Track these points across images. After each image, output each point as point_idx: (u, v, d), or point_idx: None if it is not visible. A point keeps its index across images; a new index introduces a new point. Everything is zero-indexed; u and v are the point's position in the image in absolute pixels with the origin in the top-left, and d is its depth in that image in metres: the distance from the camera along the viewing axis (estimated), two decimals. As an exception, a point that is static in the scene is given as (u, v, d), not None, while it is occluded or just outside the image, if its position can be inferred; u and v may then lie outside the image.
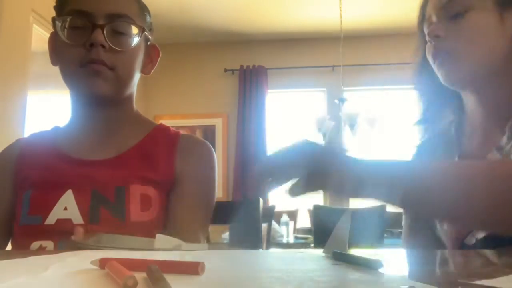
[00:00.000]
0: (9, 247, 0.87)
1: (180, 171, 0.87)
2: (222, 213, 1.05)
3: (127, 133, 0.90)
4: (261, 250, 1.15)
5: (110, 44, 0.81)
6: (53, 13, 0.87)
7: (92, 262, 0.42)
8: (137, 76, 0.90)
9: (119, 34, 0.83)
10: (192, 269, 0.37)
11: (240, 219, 1.15)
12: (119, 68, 0.82)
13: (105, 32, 0.80)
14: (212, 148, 0.94)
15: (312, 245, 3.23)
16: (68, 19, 0.83)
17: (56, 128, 0.95)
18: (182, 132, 0.94)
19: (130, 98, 0.91)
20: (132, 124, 0.91)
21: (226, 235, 3.35)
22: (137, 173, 0.83)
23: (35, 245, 0.79)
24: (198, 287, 0.34)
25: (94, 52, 0.80)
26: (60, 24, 0.83)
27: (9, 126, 2.81)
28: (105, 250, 0.56)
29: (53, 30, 0.87)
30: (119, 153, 0.86)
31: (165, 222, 0.83)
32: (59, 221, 0.79)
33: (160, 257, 0.43)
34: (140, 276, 0.34)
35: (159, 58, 0.95)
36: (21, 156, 0.89)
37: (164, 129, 0.93)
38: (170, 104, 5.01)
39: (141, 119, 0.95)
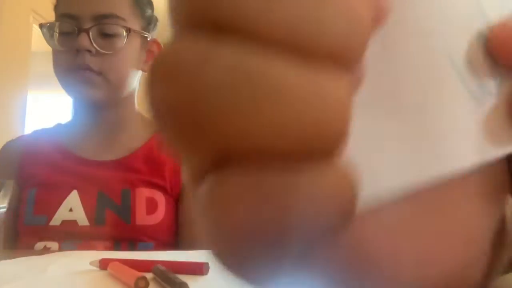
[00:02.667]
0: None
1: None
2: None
3: (131, 135, 0.88)
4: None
5: (97, 48, 0.78)
6: (53, 13, 0.86)
7: (91, 263, 0.41)
8: (133, 76, 0.87)
9: (107, 36, 0.80)
10: (197, 269, 0.36)
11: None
12: (107, 72, 0.80)
13: (90, 35, 0.78)
14: None
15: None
16: (56, 24, 0.81)
17: (59, 125, 0.94)
18: None
19: (130, 98, 0.89)
20: (136, 125, 0.90)
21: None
22: (143, 177, 0.82)
23: (40, 245, 0.78)
24: (203, 287, 0.33)
25: (80, 58, 0.77)
26: (46, 31, 0.82)
27: (9, 126, 2.81)
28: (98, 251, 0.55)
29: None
30: (124, 155, 0.85)
31: (179, 230, 0.83)
32: (64, 222, 0.78)
33: (164, 257, 0.42)
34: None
35: None
36: (25, 153, 0.88)
37: None
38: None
39: (144, 119, 0.94)
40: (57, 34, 0.81)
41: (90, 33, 0.78)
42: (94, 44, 0.77)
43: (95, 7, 0.79)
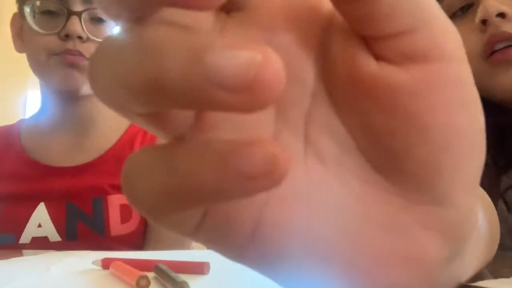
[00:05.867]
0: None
1: None
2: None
3: (100, 134, 0.79)
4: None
5: (89, 35, 0.70)
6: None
7: (93, 262, 0.41)
8: None
9: (99, 22, 0.72)
10: (198, 269, 0.37)
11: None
12: None
13: (82, 20, 0.70)
14: None
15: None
16: (37, 2, 0.72)
17: (22, 122, 0.86)
18: None
19: None
20: (105, 123, 0.80)
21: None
22: (116, 182, 0.74)
23: None
24: (204, 287, 0.34)
25: (70, 44, 0.70)
26: (29, 9, 0.73)
27: (9, 126, 2.81)
28: (106, 251, 0.55)
29: (18, 11, 0.78)
30: (93, 158, 0.77)
31: (148, 235, 0.76)
32: (34, 239, 0.71)
33: (165, 257, 0.43)
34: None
35: None
36: None
37: (140, 129, 0.80)
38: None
39: (116, 115, 0.87)
40: (37, 13, 0.73)
41: (82, 17, 0.70)
42: (86, 30, 0.70)
43: None
